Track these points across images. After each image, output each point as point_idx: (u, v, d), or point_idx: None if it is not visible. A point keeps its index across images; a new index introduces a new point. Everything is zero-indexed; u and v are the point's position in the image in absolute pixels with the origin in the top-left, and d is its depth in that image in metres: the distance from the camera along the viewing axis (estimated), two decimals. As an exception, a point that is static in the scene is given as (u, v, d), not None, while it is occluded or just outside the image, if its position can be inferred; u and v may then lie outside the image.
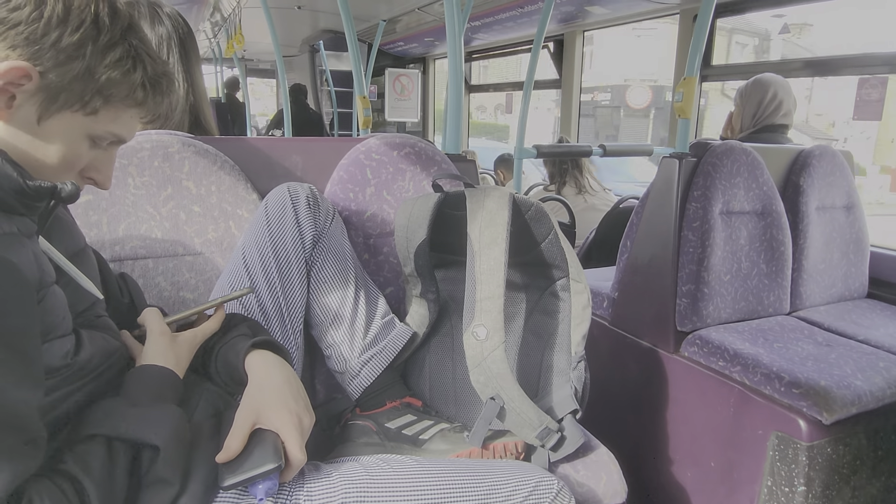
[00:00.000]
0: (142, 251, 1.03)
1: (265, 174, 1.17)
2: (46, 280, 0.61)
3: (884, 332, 1.55)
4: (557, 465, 0.98)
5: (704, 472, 1.42)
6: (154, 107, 0.67)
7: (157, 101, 0.67)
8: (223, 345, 0.80)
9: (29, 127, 0.59)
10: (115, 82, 0.61)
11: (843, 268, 1.79)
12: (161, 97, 0.67)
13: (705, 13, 1.56)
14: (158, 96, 0.66)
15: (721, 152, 1.54)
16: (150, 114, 0.67)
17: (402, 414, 0.99)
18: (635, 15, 3.11)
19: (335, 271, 1.00)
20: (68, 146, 0.61)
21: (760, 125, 1.92)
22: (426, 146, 1.27)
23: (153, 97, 0.65)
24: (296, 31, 5.23)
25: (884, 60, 2.08)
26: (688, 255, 1.51)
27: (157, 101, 0.67)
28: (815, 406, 1.21)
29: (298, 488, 0.71)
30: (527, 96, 2.44)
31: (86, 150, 0.63)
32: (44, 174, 0.62)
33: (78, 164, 0.64)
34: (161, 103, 0.68)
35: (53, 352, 0.60)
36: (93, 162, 0.65)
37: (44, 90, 0.58)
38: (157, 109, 0.68)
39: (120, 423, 0.62)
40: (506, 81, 4.79)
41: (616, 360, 1.70)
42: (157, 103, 0.67)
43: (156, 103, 0.67)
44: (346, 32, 2.43)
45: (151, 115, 0.68)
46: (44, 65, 0.57)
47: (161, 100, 0.67)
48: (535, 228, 1.03)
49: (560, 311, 1.07)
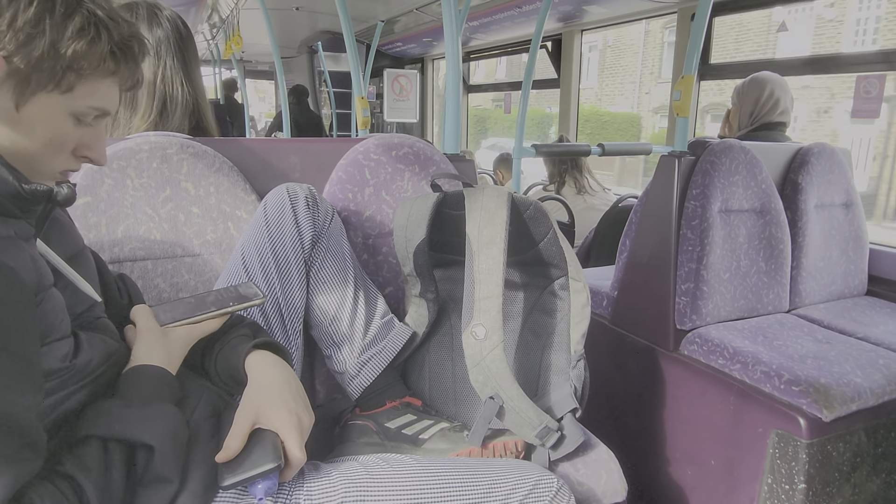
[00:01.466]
0: (140, 253, 1.03)
1: (264, 175, 1.17)
2: (44, 283, 0.61)
3: (883, 329, 1.56)
4: (557, 464, 0.98)
5: (704, 470, 1.42)
6: (129, 73, 0.64)
7: (132, 67, 0.64)
8: (223, 345, 0.80)
9: (9, 116, 0.58)
10: (82, 54, 0.58)
11: (842, 265, 1.79)
12: (135, 62, 0.64)
13: (703, 12, 1.56)
14: (132, 62, 0.64)
15: (719, 151, 1.54)
16: (129, 81, 0.65)
17: (401, 413, 0.99)
18: (634, 14, 3.11)
19: (334, 272, 1.00)
20: (53, 128, 0.60)
21: (758, 123, 1.92)
22: (424, 146, 1.27)
23: (125, 63, 0.63)
24: (294, 33, 5.23)
25: (882, 58, 2.08)
26: (687, 253, 1.51)
27: (132, 66, 0.64)
28: (814, 403, 1.21)
29: (298, 488, 0.71)
30: (525, 96, 2.44)
31: (72, 128, 0.62)
32: (36, 162, 0.61)
33: (67, 145, 0.63)
34: (136, 69, 0.65)
35: (52, 354, 0.60)
36: (82, 140, 0.64)
37: (13, 75, 0.56)
38: (133, 75, 0.65)
39: (113, 424, 0.62)
40: (504, 81, 4.80)
41: (615, 359, 1.70)
42: (132, 69, 0.65)
43: (130, 69, 0.64)
44: (344, 33, 2.43)
45: (130, 82, 0.66)
46: (6, 49, 0.55)
47: (135, 65, 0.65)
48: (533, 228, 1.03)
49: (559, 309, 1.07)
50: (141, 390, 0.67)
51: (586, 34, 3.57)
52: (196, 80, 1.20)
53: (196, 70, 1.20)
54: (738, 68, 2.64)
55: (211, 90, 6.67)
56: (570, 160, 2.76)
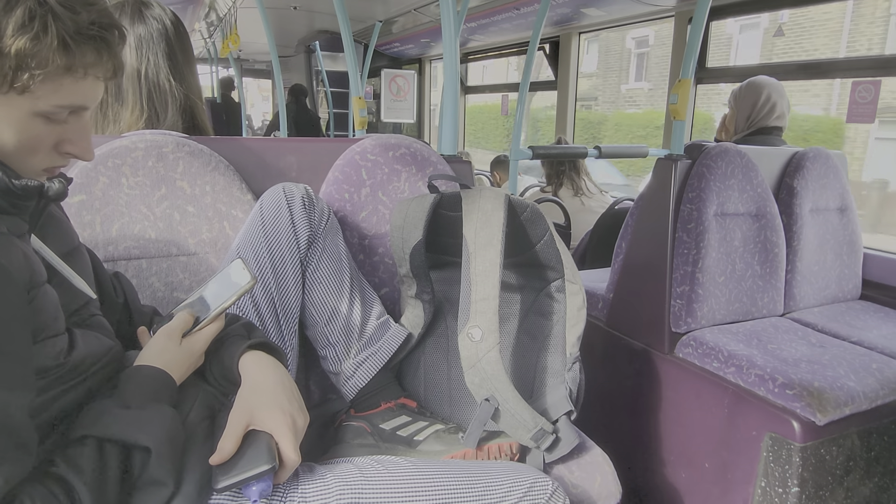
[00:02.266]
0: (135, 251, 1.03)
1: (260, 174, 1.17)
2: (37, 280, 0.60)
3: (877, 333, 1.56)
4: (552, 466, 0.98)
5: (699, 472, 1.43)
6: (93, 66, 0.57)
7: (93, 60, 0.57)
8: (218, 345, 0.80)
9: None
10: (29, 52, 0.53)
11: (836, 269, 1.80)
12: (98, 52, 0.57)
13: (700, 16, 1.57)
14: (91, 53, 0.56)
15: (715, 154, 1.55)
16: (102, 70, 0.58)
17: (396, 415, 0.99)
18: (631, 17, 3.12)
19: (330, 272, 1.00)
20: (19, 129, 0.56)
21: (755, 127, 1.93)
22: (421, 147, 1.27)
23: (82, 56, 0.56)
24: (292, 32, 5.23)
25: (876, 63, 2.10)
26: (682, 256, 1.51)
27: (92, 59, 0.57)
28: (808, 407, 1.22)
29: (293, 489, 0.71)
30: (522, 98, 2.44)
31: (42, 128, 0.57)
32: (14, 162, 0.58)
33: (42, 145, 0.59)
34: (101, 59, 0.57)
35: (45, 352, 0.59)
36: (63, 136, 0.60)
37: None
38: (104, 64, 0.58)
39: (111, 425, 0.61)
40: (502, 83, 4.80)
41: (611, 362, 1.70)
42: (95, 62, 0.57)
43: (92, 62, 0.57)
44: (342, 33, 2.43)
45: (104, 72, 0.59)
46: None
47: (99, 56, 0.57)
48: (530, 230, 1.03)
49: (555, 312, 1.07)
50: (140, 391, 0.66)
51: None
52: (188, 76, 1.18)
53: (188, 67, 1.19)
54: (734, 72, 2.65)
55: (208, 89, 6.65)
56: (568, 162, 2.76)
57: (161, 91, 1.13)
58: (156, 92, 1.13)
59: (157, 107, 1.13)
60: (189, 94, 1.17)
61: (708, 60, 2.72)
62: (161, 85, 1.13)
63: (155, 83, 1.12)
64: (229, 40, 4.37)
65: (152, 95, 1.13)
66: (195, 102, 1.19)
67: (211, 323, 0.78)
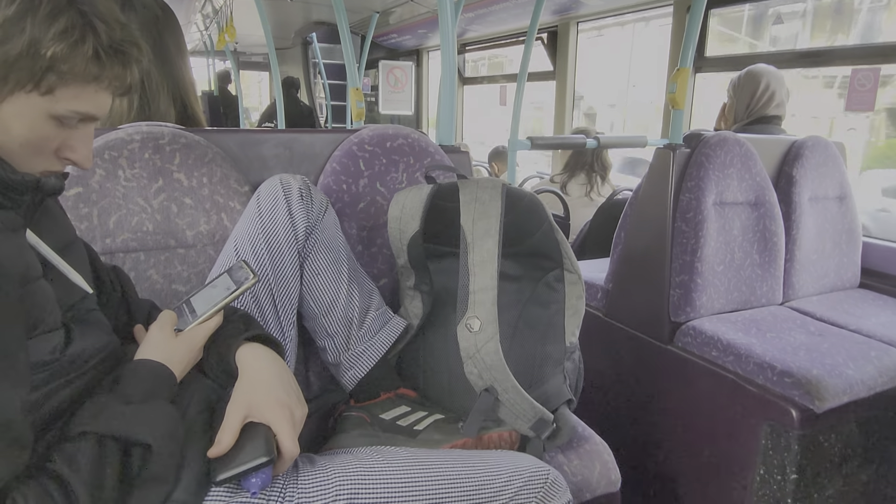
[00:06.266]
0: (133, 244, 1.02)
1: (257, 166, 1.17)
2: (31, 275, 0.60)
3: (875, 321, 1.57)
4: (552, 455, 0.98)
5: (697, 460, 1.43)
6: (117, 78, 0.61)
7: (119, 73, 0.60)
8: (215, 337, 0.80)
9: None
10: (63, 57, 0.55)
11: (835, 258, 1.80)
12: (123, 67, 0.61)
13: (699, 4, 1.56)
14: (118, 67, 0.60)
15: (714, 143, 1.54)
16: (119, 86, 0.62)
17: (396, 405, 0.99)
18: (630, 6, 3.10)
19: (328, 263, 1.00)
20: (30, 129, 0.58)
21: (754, 116, 1.92)
22: (419, 137, 1.27)
23: (111, 69, 0.59)
24: (288, 23, 5.19)
25: (877, 51, 2.08)
26: (681, 245, 1.51)
27: (118, 72, 0.60)
28: (806, 395, 1.22)
29: (292, 481, 0.71)
30: (520, 88, 2.43)
31: (52, 130, 0.59)
32: (13, 160, 0.59)
33: (47, 147, 0.60)
34: (125, 74, 0.62)
35: (40, 347, 0.59)
36: (66, 141, 0.61)
37: None
38: (123, 80, 0.62)
39: (112, 421, 0.61)
40: (500, 74, 4.77)
41: (610, 351, 1.71)
42: (120, 75, 0.61)
43: (117, 75, 0.60)
44: (338, 24, 2.41)
45: (121, 87, 0.62)
46: None
47: (124, 70, 0.61)
48: (528, 219, 1.03)
49: (554, 302, 1.07)
50: (141, 386, 0.66)
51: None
52: (177, 65, 1.17)
53: (178, 56, 1.18)
54: (733, 61, 2.64)
55: (204, 82, 6.61)
56: (596, 160, 2.74)
57: (150, 80, 1.12)
58: (145, 80, 1.12)
59: (148, 96, 1.13)
60: (180, 83, 1.16)
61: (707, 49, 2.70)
62: (150, 74, 1.12)
63: (145, 72, 1.12)
64: (225, 32, 4.34)
65: (142, 84, 1.12)
66: (187, 92, 1.18)
67: (210, 318, 0.77)
